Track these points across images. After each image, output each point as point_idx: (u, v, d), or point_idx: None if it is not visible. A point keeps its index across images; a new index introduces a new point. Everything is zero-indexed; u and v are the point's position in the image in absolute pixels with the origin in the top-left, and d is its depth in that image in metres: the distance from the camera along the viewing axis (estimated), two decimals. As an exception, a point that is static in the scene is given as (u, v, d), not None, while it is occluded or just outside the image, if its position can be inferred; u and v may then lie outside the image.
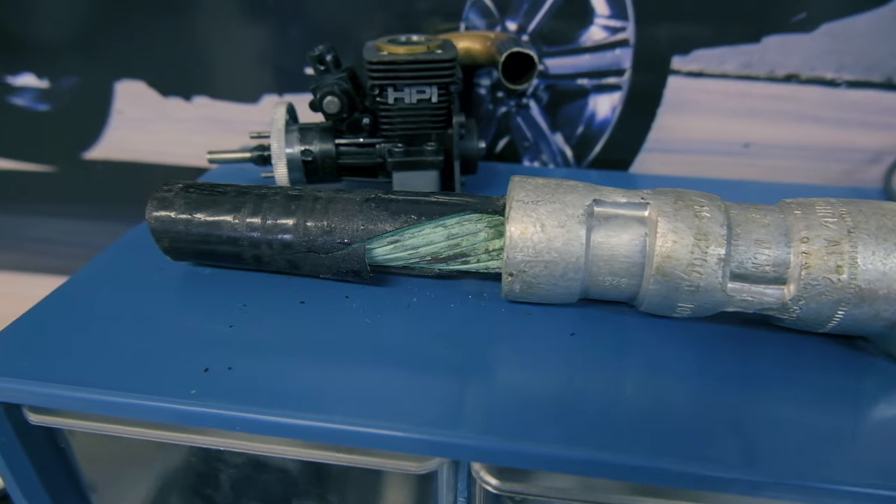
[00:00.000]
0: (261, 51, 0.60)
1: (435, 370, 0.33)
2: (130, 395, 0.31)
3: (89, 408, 0.31)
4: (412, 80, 0.44)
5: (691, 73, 0.54)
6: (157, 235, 0.38)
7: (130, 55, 0.62)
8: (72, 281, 0.41)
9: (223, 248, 0.38)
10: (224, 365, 0.33)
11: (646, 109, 0.56)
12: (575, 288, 0.35)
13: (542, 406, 0.31)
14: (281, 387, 0.31)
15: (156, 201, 0.38)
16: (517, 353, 0.34)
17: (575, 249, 0.33)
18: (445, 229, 0.36)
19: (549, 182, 0.35)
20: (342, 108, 0.45)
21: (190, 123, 0.65)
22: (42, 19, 0.62)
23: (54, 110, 0.67)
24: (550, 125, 0.59)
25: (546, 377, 0.33)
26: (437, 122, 0.46)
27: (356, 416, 0.30)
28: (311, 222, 0.37)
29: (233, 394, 0.31)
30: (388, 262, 0.38)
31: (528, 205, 0.34)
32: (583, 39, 0.54)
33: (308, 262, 0.38)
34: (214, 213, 0.38)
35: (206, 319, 0.37)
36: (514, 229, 0.34)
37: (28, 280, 0.80)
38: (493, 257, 0.36)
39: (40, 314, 0.37)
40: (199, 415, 0.30)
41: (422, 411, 0.30)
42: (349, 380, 0.32)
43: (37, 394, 0.32)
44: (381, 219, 0.37)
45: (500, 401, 0.31)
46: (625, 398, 0.31)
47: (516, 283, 0.35)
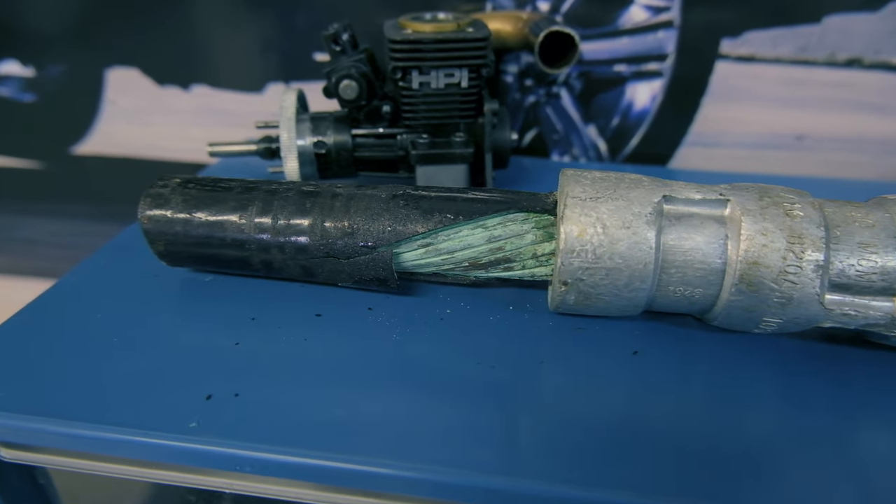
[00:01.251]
0: (265, 35, 0.55)
1: (477, 398, 0.28)
2: (120, 429, 0.26)
3: (71, 444, 0.27)
4: (440, 62, 0.39)
5: (741, 57, 0.49)
6: (151, 237, 0.33)
7: (123, 40, 0.57)
8: (53, 291, 0.35)
9: (228, 252, 0.33)
10: (229, 391, 0.28)
11: (689, 99, 0.51)
12: (640, 299, 0.30)
13: (609, 441, 0.26)
14: (296, 418, 0.26)
15: (149, 198, 0.33)
16: (572, 375, 0.29)
17: (642, 255, 0.28)
18: (486, 231, 0.31)
19: (608, 176, 0.30)
20: (361, 94, 0.40)
21: (188, 115, 0.60)
22: (27, 1, 0.57)
23: (40, 101, 0.62)
24: (583, 116, 0.54)
25: (611, 405, 0.28)
26: (466, 110, 0.41)
27: (385, 456, 0.25)
28: (330, 223, 0.32)
29: (239, 427, 0.26)
30: (417, 268, 0.33)
31: (587, 202, 0.29)
32: (622, 21, 0.49)
33: (326, 269, 0.33)
34: (217, 212, 0.33)
35: (208, 335, 0.32)
36: (571, 231, 0.29)
37: (14, 284, 0.75)
38: (541, 263, 0.31)
39: (14, 330, 0.32)
40: (200, 453, 0.25)
41: (465, 449, 0.25)
42: (376, 410, 0.27)
43: (8, 427, 0.27)
44: (412, 218, 0.32)
45: (559, 436, 0.26)
46: (702, 431, 0.26)
47: (571, 293, 0.30)
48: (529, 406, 0.28)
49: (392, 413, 0.27)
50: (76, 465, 0.29)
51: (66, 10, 0.57)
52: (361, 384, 0.29)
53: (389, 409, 0.27)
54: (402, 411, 0.27)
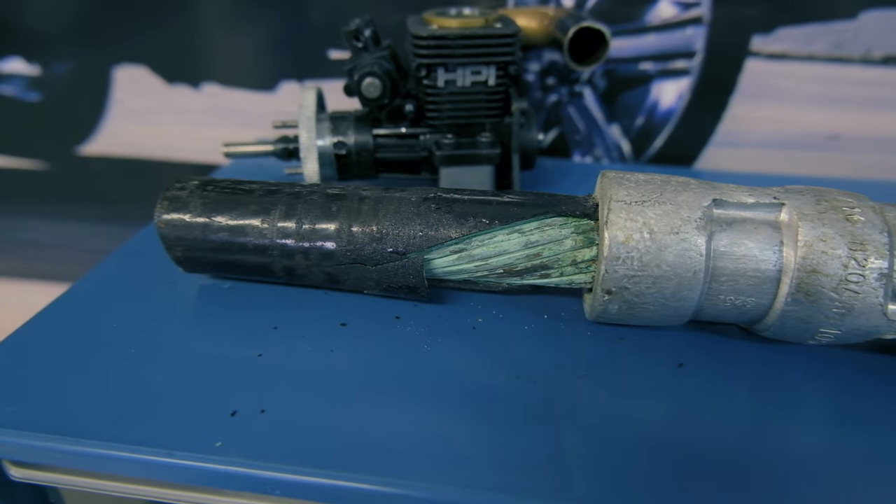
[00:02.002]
0: (278, 32, 0.53)
1: (518, 414, 0.26)
2: (140, 449, 0.24)
3: (86, 464, 0.25)
4: (467, 59, 0.38)
5: (773, 55, 0.47)
6: (168, 243, 0.32)
7: (131, 38, 0.56)
8: (65, 298, 0.34)
9: (249, 258, 0.31)
10: (255, 407, 0.26)
11: (717, 98, 0.50)
12: (687, 309, 0.28)
13: (658, 462, 0.24)
14: (327, 437, 0.25)
15: (167, 202, 0.32)
16: (616, 389, 0.28)
17: (692, 262, 0.27)
18: (523, 236, 0.30)
19: (652, 178, 0.29)
20: (384, 93, 0.38)
21: (198, 114, 0.58)
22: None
23: (46, 100, 0.60)
24: (607, 116, 0.52)
25: (658, 422, 0.26)
26: (492, 110, 0.40)
27: (423, 479, 0.23)
28: (358, 227, 0.30)
29: (268, 446, 0.24)
30: (448, 275, 0.31)
31: (632, 206, 0.27)
32: (649, 17, 0.48)
33: (352, 276, 0.31)
34: (238, 216, 0.31)
35: (229, 346, 0.30)
36: (616, 236, 0.27)
37: (17, 287, 0.73)
38: (580, 270, 0.30)
39: (24, 340, 0.30)
40: (226, 474, 0.24)
41: (508, 472, 0.23)
42: (411, 428, 0.25)
43: (19, 446, 0.25)
44: (444, 223, 0.30)
45: (605, 456, 0.24)
46: (756, 450, 0.25)
47: (614, 302, 0.28)
48: (573, 423, 0.26)
49: (428, 431, 0.25)
50: (91, 485, 0.27)
51: (72, 6, 0.55)
52: (394, 399, 0.27)
53: (425, 427, 0.26)
54: (439, 429, 0.25)
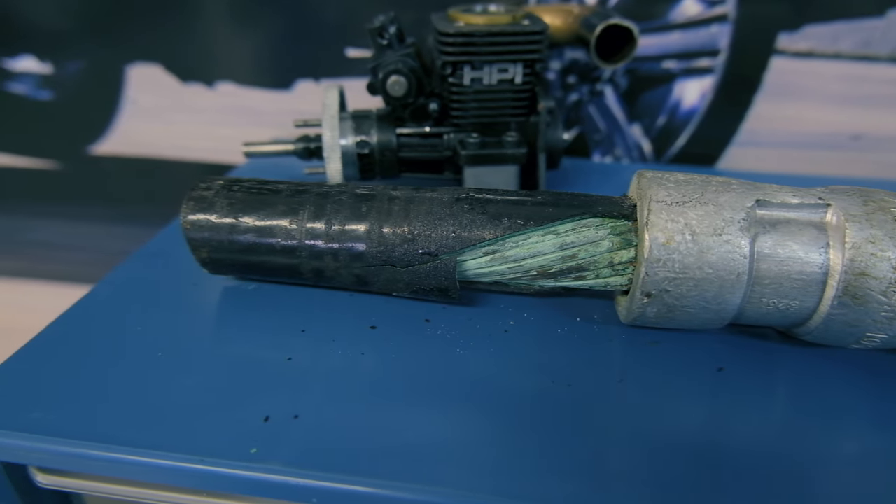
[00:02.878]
0: (294, 30, 0.53)
1: (557, 420, 0.25)
2: (172, 455, 0.23)
3: (117, 471, 0.24)
4: (493, 57, 0.37)
5: (799, 53, 0.47)
6: (194, 244, 0.31)
7: (145, 36, 0.55)
8: (86, 301, 0.33)
9: (276, 259, 0.31)
10: (288, 413, 0.26)
11: (741, 96, 0.49)
12: (728, 312, 0.27)
13: (703, 470, 0.23)
14: (363, 444, 0.24)
15: (192, 202, 0.31)
16: (655, 395, 0.27)
17: (736, 265, 0.26)
18: (558, 237, 0.29)
19: (692, 178, 0.28)
20: (409, 91, 0.38)
21: (212, 113, 0.58)
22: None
23: (58, 99, 0.59)
24: (628, 115, 0.51)
25: (701, 429, 0.25)
26: (518, 108, 0.39)
27: (463, 487, 0.23)
28: (389, 228, 0.30)
29: (305, 453, 0.24)
30: (479, 276, 0.31)
31: (673, 207, 0.27)
32: (673, 15, 0.47)
33: (382, 278, 0.31)
34: (266, 217, 0.30)
35: (257, 350, 0.29)
36: (657, 238, 0.26)
37: (28, 288, 0.73)
38: (617, 272, 0.29)
39: (47, 344, 0.30)
40: (263, 482, 0.23)
41: (549, 481, 0.23)
42: (449, 434, 0.25)
43: (48, 452, 0.24)
44: (478, 224, 0.29)
45: (648, 464, 0.24)
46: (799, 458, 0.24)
47: (653, 305, 0.28)
48: (613, 429, 0.25)
49: (464, 437, 0.25)
50: (119, 492, 0.27)
51: (86, 4, 0.54)
52: (429, 405, 0.26)
53: (461, 433, 0.25)
54: (476, 436, 0.25)
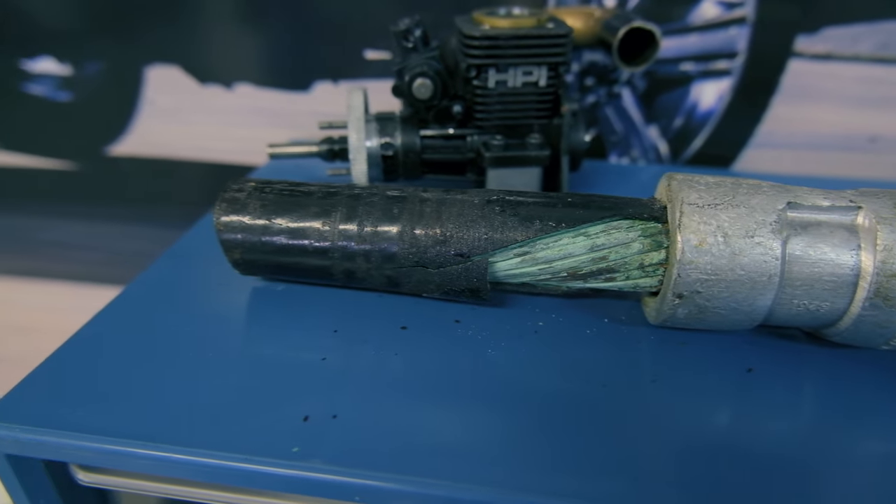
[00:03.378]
0: (313, 31, 0.53)
1: (594, 421, 0.26)
2: (216, 454, 0.24)
3: (161, 469, 0.25)
4: (519, 60, 0.37)
5: (817, 55, 0.47)
6: (227, 245, 0.31)
7: (164, 37, 0.55)
8: (119, 301, 0.33)
9: (309, 260, 0.31)
10: (326, 412, 0.26)
11: (758, 98, 0.50)
12: (759, 314, 0.28)
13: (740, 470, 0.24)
14: (403, 443, 0.25)
15: (225, 203, 0.31)
16: (687, 395, 0.27)
17: (768, 266, 0.26)
18: (588, 239, 0.29)
19: (723, 181, 0.29)
20: (435, 94, 0.38)
21: (230, 115, 0.58)
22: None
23: (76, 100, 0.60)
24: (645, 116, 0.52)
25: (734, 429, 0.26)
26: (542, 111, 0.39)
27: (504, 486, 0.23)
28: (421, 230, 0.30)
29: (346, 452, 0.24)
30: (509, 278, 0.31)
31: (705, 209, 0.27)
32: (692, 17, 0.47)
33: (413, 279, 0.31)
34: (299, 219, 0.31)
35: (292, 350, 0.30)
36: (689, 240, 0.27)
37: (44, 288, 0.73)
38: (647, 274, 0.29)
39: (86, 344, 0.30)
40: (308, 481, 0.23)
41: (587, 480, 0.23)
42: (486, 434, 0.25)
43: (93, 451, 0.25)
44: (510, 226, 0.30)
45: (685, 465, 0.24)
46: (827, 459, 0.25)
47: (684, 306, 0.28)
48: (650, 430, 0.26)
49: (504, 437, 0.25)
50: (160, 489, 0.27)
51: (105, 5, 0.55)
52: (465, 404, 0.27)
53: (501, 432, 0.25)
54: (512, 435, 0.25)
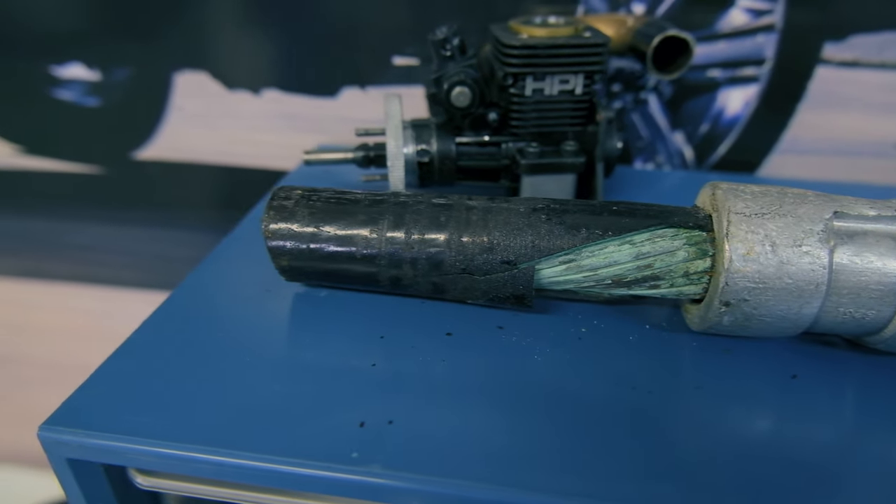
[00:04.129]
0: (342, 37, 0.54)
1: (645, 427, 0.26)
2: (278, 458, 0.24)
3: (222, 474, 0.25)
4: (556, 69, 0.38)
5: (844, 62, 0.47)
6: (275, 252, 0.32)
7: (193, 44, 0.56)
8: (167, 308, 0.34)
9: (356, 268, 0.32)
10: (382, 418, 0.26)
11: (785, 105, 0.50)
12: (804, 322, 0.28)
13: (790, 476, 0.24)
14: (460, 449, 0.25)
15: (273, 211, 0.32)
16: (733, 402, 0.28)
17: (815, 275, 0.27)
18: (634, 247, 0.30)
19: (768, 190, 0.29)
20: (473, 102, 0.38)
21: (257, 119, 0.59)
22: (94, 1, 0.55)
23: (105, 105, 0.60)
24: (671, 122, 0.52)
25: (783, 436, 0.26)
26: (577, 118, 0.40)
27: (561, 493, 0.23)
28: (468, 237, 0.31)
29: (404, 457, 0.25)
30: (553, 285, 0.32)
31: (752, 218, 0.28)
32: (720, 25, 0.48)
33: (459, 286, 0.31)
34: (347, 226, 0.31)
35: (341, 356, 0.30)
36: (737, 249, 0.27)
37: (70, 290, 0.74)
38: (691, 282, 0.30)
39: (138, 351, 0.30)
40: (370, 486, 0.24)
41: (642, 485, 0.24)
42: (539, 439, 0.26)
43: (153, 455, 0.25)
44: (556, 234, 0.30)
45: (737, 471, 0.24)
46: (883, 467, 0.25)
47: (730, 314, 0.28)
48: (698, 436, 0.26)
49: (556, 443, 0.25)
50: (216, 493, 0.27)
51: (133, 10, 0.55)
52: (515, 410, 0.27)
53: (552, 438, 0.26)
54: (568, 441, 0.26)
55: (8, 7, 0.56)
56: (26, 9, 0.56)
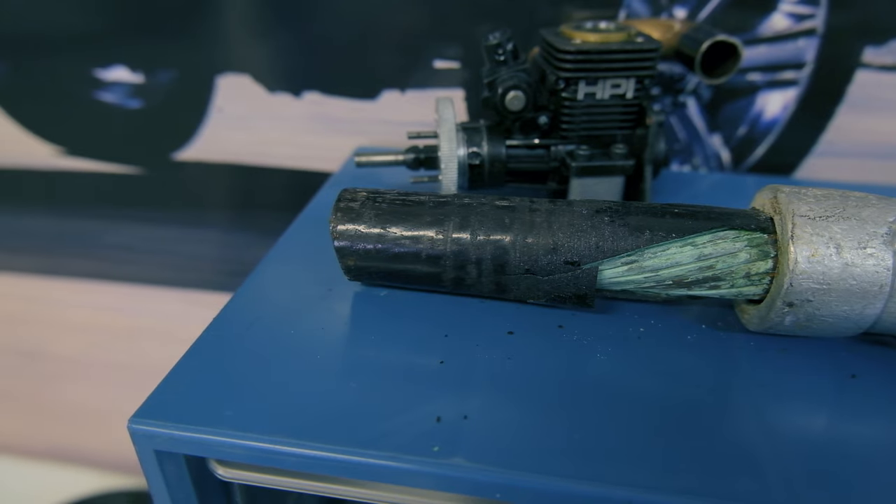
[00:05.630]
0: (382, 42, 0.54)
1: (711, 425, 0.27)
2: (364, 451, 0.25)
3: (308, 465, 0.26)
4: (608, 73, 0.38)
5: (884, 66, 0.48)
6: (342, 252, 0.33)
7: (236, 47, 0.57)
8: (233, 306, 0.35)
9: (421, 268, 0.32)
10: (457, 413, 0.27)
11: (823, 108, 0.50)
12: (866, 322, 0.29)
13: (853, 471, 0.25)
14: (532, 441, 0.26)
15: (340, 213, 0.33)
16: (796, 399, 0.28)
17: (879, 276, 0.27)
18: (696, 249, 0.31)
19: (830, 193, 0.30)
20: (526, 105, 0.39)
21: (297, 121, 0.59)
22: (139, 2, 0.56)
23: (147, 107, 0.62)
24: (709, 125, 0.53)
25: (841, 432, 0.27)
26: (626, 122, 0.41)
27: (636, 486, 0.24)
28: (532, 239, 0.31)
29: (482, 450, 0.25)
30: (614, 285, 0.32)
31: (816, 221, 0.28)
32: (761, 29, 0.48)
33: (522, 286, 0.32)
34: (414, 228, 0.32)
35: (410, 353, 0.31)
36: (802, 251, 0.28)
37: (105, 288, 0.75)
38: (752, 283, 0.30)
39: (211, 347, 0.31)
40: (452, 478, 0.25)
41: (714, 478, 0.24)
42: (608, 435, 0.26)
43: (242, 448, 0.26)
44: (619, 236, 0.31)
45: (809, 464, 0.25)
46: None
47: (793, 314, 0.29)
48: (763, 433, 0.27)
49: (625, 439, 0.26)
50: (294, 485, 0.28)
51: (177, 15, 0.56)
52: (583, 406, 0.28)
53: (622, 434, 0.26)
54: (636, 437, 0.26)
55: (53, 12, 0.57)
56: (70, 13, 0.57)
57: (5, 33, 0.60)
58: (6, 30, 0.59)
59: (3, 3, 0.58)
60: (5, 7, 0.58)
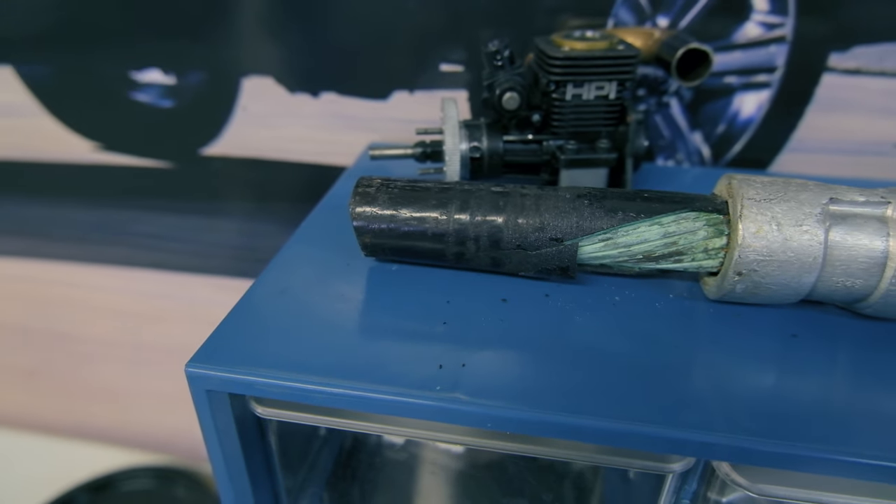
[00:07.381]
0: (394, 45, 0.60)
1: (668, 374, 0.32)
2: (381, 388, 0.31)
3: (333, 401, 0.31)
4: (593, 77, 0.44)
5: (848, 70, 0.53)
6: (360, 231, 0.38)
7: (259, 50, 0.63)
8: (268, 275, 0.40)
9: (427, 245, 0.38)
10: (456, 361, 0.33)
11: (794, 108, 0.55)
12: (804, 289, 0.34)
13: (793, 407, 0.30)
14: (528, 384, 0.31)
15: (358, 197, 0.38)
16: (742, 354, 0.34)
17: (813, 250, 0.33)
18: (662, 227, 0.36)
19: (775, 180, 0.35)
20: (521, 105, 0.45)
21: (315, 119, 0.65)
22: (172, 10, 0.62)
23: (178, 106, 0.67)
24: (690, 123, 0.58)
25: (779, 382, 0.32)
26: (610, 119, 0.46)
27: (611, 417, 0.30)
28: (523, 219, 0.37)
29: (477, 390, 0.31)
30: (593, 260, 0.38)
31: (761, 203, 0.33)
32: (736, 36, 0.53)
33: (514, 260, 0.38)
34: (421, 209, 0.37)
35: (418, 316, 0.36)
36: (749, 228, 0.33)
37: (131, 274, 0.81)
38: (710, 256, 0.36)
39: (251, 307, 0.37)
40: (452, 410, 0.30)
41: (675, 412, 0.30)
42: (587, 380, 0.32)
43: (276, 386, 0.32)
44: (597, 216, 0.36)
45: (751, 403, 0.30)
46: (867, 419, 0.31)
47: (742, 283, 0.34)
48: (713, 382, 0.32)
49: (600, 382, 0.31)
50: (322, 421, 0.34)
51: (206, 22, 0.62)
52: (568, 359, 0.33)
53: (597, 378, 0.32)
54: (609, 380, 0.32)
55: (96, 16, 0.63)
56: (110, 18, 0.63)
57: (49, 38, 0.66)
58: (50, 34, 0.65)
59: (47, 11, 0.64)
60: (49, 15, 0.64)
